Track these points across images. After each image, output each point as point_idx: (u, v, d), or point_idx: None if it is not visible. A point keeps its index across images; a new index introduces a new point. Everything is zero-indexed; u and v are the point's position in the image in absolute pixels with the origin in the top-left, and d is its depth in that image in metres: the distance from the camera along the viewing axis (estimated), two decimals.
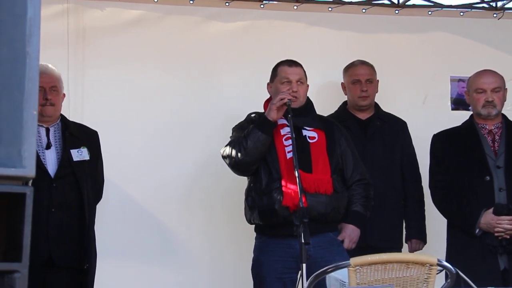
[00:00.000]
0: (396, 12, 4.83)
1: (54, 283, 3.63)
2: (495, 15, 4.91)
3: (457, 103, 4.83)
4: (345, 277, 2.90)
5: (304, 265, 3.07)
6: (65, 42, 4.34)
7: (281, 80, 3.76)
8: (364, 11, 4.78)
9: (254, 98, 4.00)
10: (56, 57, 4.19)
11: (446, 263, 2.99)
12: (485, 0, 4.89)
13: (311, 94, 3.89)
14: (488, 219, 3.75)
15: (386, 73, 4.53)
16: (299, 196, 3.32)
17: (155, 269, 4.41)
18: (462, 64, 4.77)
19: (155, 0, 4.50)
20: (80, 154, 3.70)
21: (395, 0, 4.83)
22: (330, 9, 4.75)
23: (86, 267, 3.63)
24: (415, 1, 4.85)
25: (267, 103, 3.78)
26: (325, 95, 4.54)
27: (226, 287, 4.48)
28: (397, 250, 4.16)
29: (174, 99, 4.52)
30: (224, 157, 3.73)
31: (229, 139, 3.78)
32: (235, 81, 4.58)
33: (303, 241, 3.09)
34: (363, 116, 4.36)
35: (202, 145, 4.47)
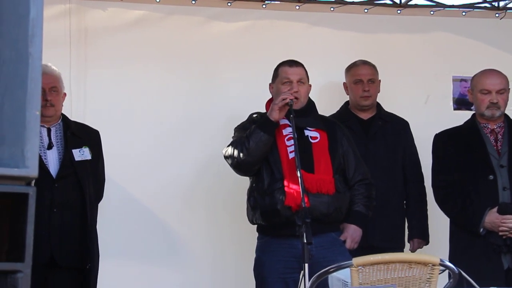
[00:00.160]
0: (398, 12, 4.83)
1: (56, 283, 3.63)
2: (497, 15, 4.90)
3: (459, 103, 4.83)
4: (347, 277, 2.90)
5: (306, 265, 3.07)
6: (67, 42, 4.34)
7: (282, 80, 3.76)
8: (366, 11, 4.78)
9: (256, 98, 4.00)
10: (58, 57, 4.20)
11: (448, 263, 2.99)
12: (487, 0, 4.88)
13: (313, 94, 3.89)
14: (493, 218, 3.75)
15: (388, 73, 4.52)
16: (301, 196, 3.32)
17: (157, 269, 4.42)
18: (464, 64, 4.77)
19: (157, 0, 4.50)
20: (81, 154, 3.70)
21: (397, 0, 4.82)
22: (332, 9, 4.75)
23: (88, 267, 3.63)
24: (417, 1, 4.85)
25: (269, 103, 3.78)
26: (327, 95, 4.54)
27: (228, 287, 4.49)
28: (399, 250, 4.17)
29: (176, 99, 4.52)
30: (226, 157, 3.73)
31: (231, 139, 3.79)
32: (237, 81, 4.58)
33: (305, 241, 3.09)
34: (365, 116, 4.36)
35: (204, 145, 4.47)
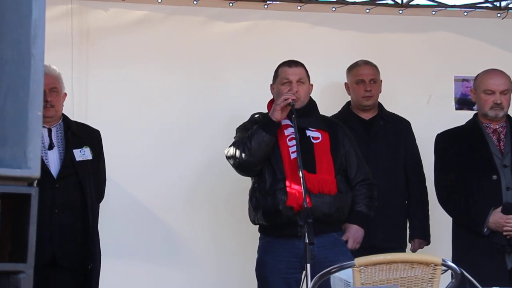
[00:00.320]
0: (400, 12, 4.83)
1: (57, 283, 3.62)
2: (499, 15, 4.90)
3: (461, 103, 4.82)
4: (349, 277, 2.90)
5: (308, 265, 3.07)
6: (69, 43, 4.34)
7: (282, 81, 3.76)
8: (367, 11, 4.78)
9: (258, 99, 4.00)
10: (60, 57, 4.20)
11: (450, 263, 2.99)
12: (489, 0, 4.88)
13: (314, 94, 3.89)
14: (497, 218, 3.75)
15: (389, 73, 4.52)
16: (303, 196, 3.32)
17: (159, 269, 4.42)
18: (466, 64, 4.77)
19: (159, 0, 4.51)
20: (82, 154, 3.69)
21: (398, 0, 4.82)
22: (333, 9, 4.74)
23: (90, 267, 3.63)
24: (419, 1, 4.84)
25: (270, 103, 3.78)
26: (328, 95, 4.54)
27: (230, 287, 4.48)
28: (401, 250, 4.17)
29: (178, 99, 4.52)
30: (228, 158, 3.73)
31: (233, 139, 3.79)
32: (239, 81, 4.58)
33: (307, 241, 3.09)
34: (367, 116, 4.36)
35: (206, 145, 4.47)
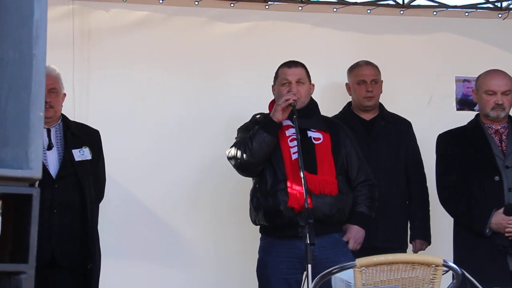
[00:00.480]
0: (401, 12, 4.83)
1: (56, 283, 3.61)
2: (500, 16, 4.90)
3: (462, 103, 4.82)
4: (350, 278, 2.90)
5: (309, 266, 3.07)
6: (70, 43, 4.34)
7: (281, 81, 3.77)
8: (369, 11, 4.78)
9: (259, 99, 4.01)
10: (61, 58, 4.20)
11: (452, 264, 2.99)
12: (490, 0, 4.88)
13: (315, 95, 3.89)
14: (499, 219, 3.75)
15: (391, 73, 4.52)
16: (304, 197, 3.32)
17: (160, 269, 4.42)
18: (467, 64, 4.77)
19: (160, 1, 4.51)
20: (82, 154, 3.68)
21: (400, 1, 4.82)
22: (335, 9, 4.74)
23: (89, 267, 3.62)
24: (420, 1, 4.85)
25: (272, 104, 3.79)
26: (329, 96, 4.54)
27: (231, 287, 4.49)
28: (402, 251, 4.17)
29: (179, 99, 4.52)
30: (229, 158, 3.73)
31: (234, 140, 3.79)
32: (240, 81, 4.58)
33: (308, 242, 3.09)
34: (368, 116, 4.36)
35: (207, 146, 4.47)
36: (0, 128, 1.56)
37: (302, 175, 3.37)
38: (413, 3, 4.82)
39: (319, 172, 3.63)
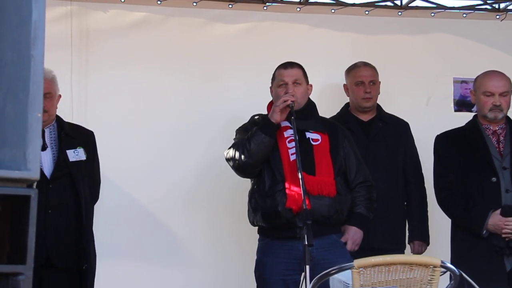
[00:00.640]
0: (399, 13, 4.83)
1: (52, 284, 3.60)
2: (498, 17, 4.90)
3: (460, 104, 4.83)
4: (348, 279, 2.90)
5: (307, 267, 3.07)
6: (68, 44, 4.34)
7: (278, 83, 3.77)
8: (367, 12, 4.78)
9: (258, 100, 4.01)
10: (59, 59, 4.21)
11: (449, 265, 2.99)
12: (488, 1, 4.88)
13: (313, 96, 3.89)
14: (496, 220, 3.75)
15: (389, 74, 4.53)
16: (302, 198, 3.32)
17: (158, 270, 4.42)
18: (465, 66, 4.77)
19: (159, 2, 4.51)
20: (76, 155, 3.67)
21: (398, 2, 4.83)
22: (333, 11, 4.75)
23: (84, 267, 3.61)
24: (418, 2, 4.85)
25: (270, 105, 3.79)
26: (327, 97, 4.54)
27: None
28: (400, 252, 4.17)
29: (178, 101, 4.52)
30: (228, 159, 3.74)
31: (233, 141, 3.79)
32: (239, 82, 4.58)
33: (306, 243, 3.10)
34: (365, 117, 4.36)
35: (205, 146, 4.47)
36: None
37: (300, 176, 3.37)
38: (411, 4, 4.82)
39: (317, 173, 3.63)
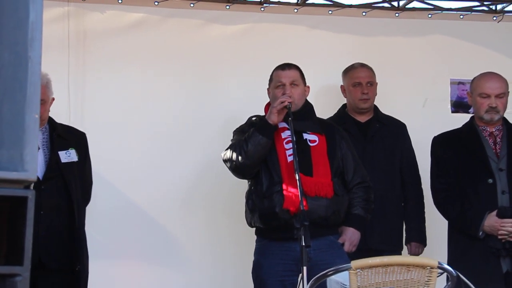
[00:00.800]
0: (396, 15, 4.84)
1: (45, 285, 3.59)
2: (494, 18, 4.91)
3: (457, 106, 4.83)
4: (346, 280, 2.90)
5: (304, 268, 3.07)
6: (65, 45, 4.34)
7: (276, 84, 3.77)
8: (364, 14, 4.79)
9: (255, 101, 4.01)
10: (56, 60, 4.21)
11: (446, 266, 2.99)
12: (485, 3, 4.89)
13: (310, 97, 3.89)
14: (492, 222, 3.75)
15: (386, 75, 4.53)
16: (299, 199, 3.33)
17: (155, 271, 4.41)
18: (462, 67, 4.78)
19: (156, 3, 4.51)
20: (68, 156, 3.66)
21: (395, 3, 4.83)
22: (330, 12, 4.75)
23: (77, 269, 3.60)
24: (415, 4, 4.86)
25: (267, 106, 3.79)
26: (325, 98, 4.55)
27: None
28: (397, 253, 4.17)
29: (175, 102, 4.52)
30: (225, 161, 3.73)
31: (230, 142, 3.79)
32: (236, 83, 4.58)
33: (303, 244, 3.10)
34: (363, 118, 4.37)
35: (203, 147, 4.47)
36: None
37: (297, 177, 3.37)
38: (408, 6, 4.83)
39: (315, 174, 3.63)
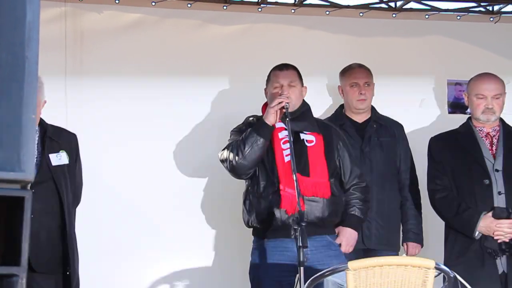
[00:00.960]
0: (393, 15, 4.84)
1: None
2: (491, 19, 4.92)
3: (454, 106, 4.84)
4: (343, 281, 2.90)
5: (301, 268, 3.07)
6: (62, 45, 4.33)
7: (273, 84, 3.78)
8: (361, 14, 4.79)
9: (252, 101, 4.01)
10: (53, 60, 4.20)
11: (443, 267, 3.00)
12: (482, 4, 4.90)
13: (308, 97, 3.89)
14: (488, 222, 3.76)
15: (383, 76, 4.54)
16: (297, 199, 3.33)
17: (151, 272, 4.41)
18: (459, 68, 4.78)
19: (153, 3, 4.51)
20: (59, 159, 3.62)
21: (392, 4, 4.84)
22: (327, 12, 4.75)
23: (68, 273, 3.58)
24: (412, 5, 4.86)
25: (265, 107, 3.79)
26: (322, 98, 4.55)
27: None
28: (394, 253, 4.17)
29: (172, 102, 4.52)
30: (222, 161, 3.74)
31: (227, 142, 3.79)
32: (233, 84, 4.58)
33: (300, 244, 3.10)
34: (360, 119, 4.37)
35: (199, 147, 4.48)
36: None
37: (294, 177, 3.37)
38: (405, 7, 4.84)
39: (312, 174, 3.63)
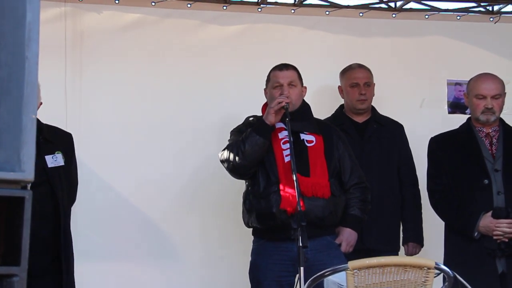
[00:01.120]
0: (393, 16, 4.84)
1: None
2: (491, 19, 4.92)
3: (453, 106, 4.84)
4: (343, 281, 2.90)
5: (301, 268, 3.07)
6: (62, 45, 4.33)
7: (273, 84, 3.77)
8: (361, 15, 4.79)
9: (252, 101, 4.01)
10: (54, 60, 4.20)
11: (443, 266, 3.00)
12: (482, 4, 4.90)
13: (307, 97, 3.89)
14: (487, 222, 3.76)
15: (383, 76, 4.53)
16: (296, 199, 3.33)
17: (151, 272, 4.41)
18: (459, 68, 4.78)
19: (153, 3, 4.51)
20: (55, 160, 3.59)
21: (392, 4, 4.84)
22: (327, 12, 4.75)
23: (63, 275, 3.55)
24: (412, 5, 4.86)
25: (265, 107, 3.79)
26: (322, 98, 4.55)
27: None
28: (394, 253, 4.18)
29: (172, 102, 4.52)
30: (222, 161, 3.73)
31: (227, 142, 3.79)
32: (233, 84, 4.58)
33: (300, 244, 3.10)
34: (360, 119, 4.37)
35: (199, 148, 4.47)
36: None
37: (294, 177, 3.37)
38: (405, 7, 4.84)
39: (312, 174, 3.63)
